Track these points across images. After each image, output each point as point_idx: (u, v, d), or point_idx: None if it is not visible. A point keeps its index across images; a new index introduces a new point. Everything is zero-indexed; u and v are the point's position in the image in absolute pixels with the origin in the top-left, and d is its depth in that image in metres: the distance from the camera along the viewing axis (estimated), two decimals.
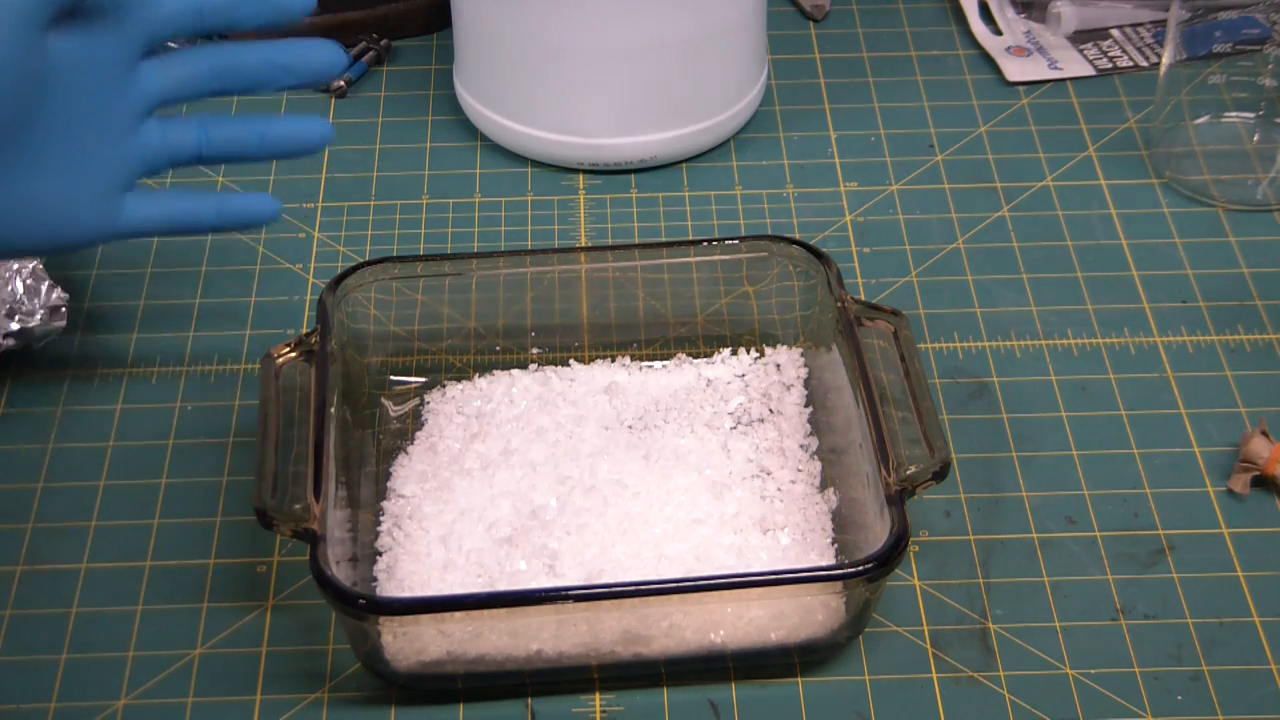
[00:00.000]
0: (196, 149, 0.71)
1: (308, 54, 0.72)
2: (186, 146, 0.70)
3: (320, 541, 0.65)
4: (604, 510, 0.72)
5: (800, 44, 1.02)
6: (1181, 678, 0.68)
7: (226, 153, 0.71)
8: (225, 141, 0.71)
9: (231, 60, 0.71)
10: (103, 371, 0.81)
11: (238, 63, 0.71)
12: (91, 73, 0.67)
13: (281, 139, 0.72)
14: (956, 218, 0.90)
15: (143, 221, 0.70)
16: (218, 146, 0.71)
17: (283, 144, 0.72)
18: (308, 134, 0.72)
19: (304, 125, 0.72)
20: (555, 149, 0.91)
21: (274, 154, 0.72)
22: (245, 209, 0.72)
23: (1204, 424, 0.79)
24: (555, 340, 0.80)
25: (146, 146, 0.70)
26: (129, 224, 0.69)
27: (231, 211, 0.71)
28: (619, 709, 0.68)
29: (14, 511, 0.75)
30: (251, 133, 0.71)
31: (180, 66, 0.70)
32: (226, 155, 0.71)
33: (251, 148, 0.71)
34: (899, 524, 0.66)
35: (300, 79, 0.71)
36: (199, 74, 0.70)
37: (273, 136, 0.71)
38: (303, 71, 0.71)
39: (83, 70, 0.67)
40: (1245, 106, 0.93)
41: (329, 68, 0.72)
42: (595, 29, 0.87)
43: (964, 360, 0.82)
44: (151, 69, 0.70)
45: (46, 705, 0.68)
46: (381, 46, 1.00)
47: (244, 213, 0.72)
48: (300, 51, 0.72)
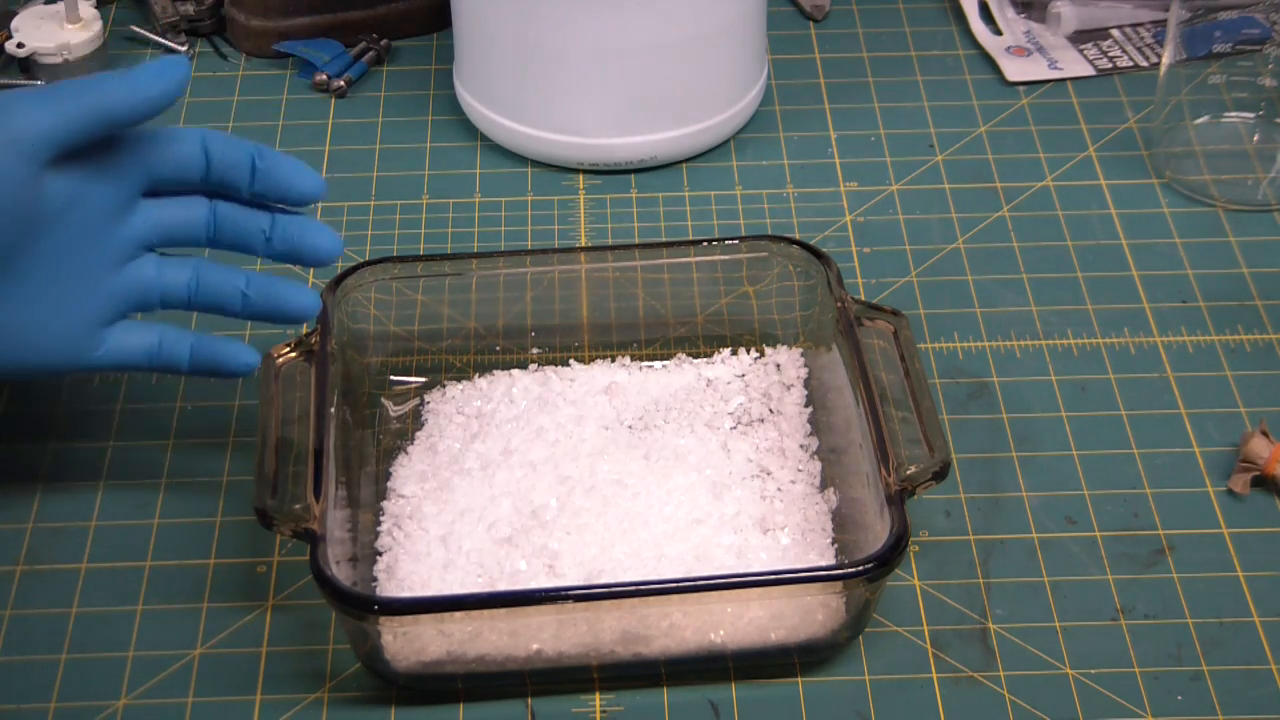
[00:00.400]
0: (186, 293, 0.72)
1: (306, 234, 0.72)
2: (178, 289, 0.71)
3: (320, 541, 0.65)
4: (604, 510, 0.72)
5: (800, 44, 1.02)
6: (1181, 678, 0.68)
7: (212, 304, 0.72)
8: (214, 293, 0.72)
9: (228, 217, 0.71)
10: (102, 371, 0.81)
11: (235, 225, 0.71)
12: (85, 212, 0.69)
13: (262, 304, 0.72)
14: (956, 218, 0.90)
15: (118, 357, 0.71)
16: (208, 296, 0.72)
17: (262, 308, 0.72)
18: (290, 304, 0.72)
19: (288, 293, 0.72)
20: (555, 149, 0.91)
21: (252, 316, 0.73)
22: (221, 358, 0.72)
23: (1204, 424, 0.79)
24: (555, 340, 0.80)
25: (139, 283, 0.71)
26: (105, 358, 0.71)
27: (207, 358, 0.72)
28: (619, 709, 0.68)
29: (14, 511, 0.75)
30: (238, 291, 0.72)
31: (178, 210, 0.71)
32: (212, 307, 0.72)
33: (235, 305, 0.72)
34: (899, 524, 0.66)
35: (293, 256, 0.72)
36: (195, 221, 0.71)
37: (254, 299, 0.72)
38: (297, 250, 0.72)
39: (77, 209, 0.68)
40: (1245, 106, 0.93)
41: (325, 253, 0.72)
42: (595, 29, 0.87)
43: (964, 360, 0.82)
44: (148, 208, 0.71)
45: (46, 705, 0.68)
46: (381, 46, 1.00)
47: (219, 361, 0.72)
48: (300, 229, 0.72)
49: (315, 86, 0.98)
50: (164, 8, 1.01)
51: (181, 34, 1.01)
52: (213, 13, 1.01)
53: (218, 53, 1.01)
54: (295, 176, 0.71)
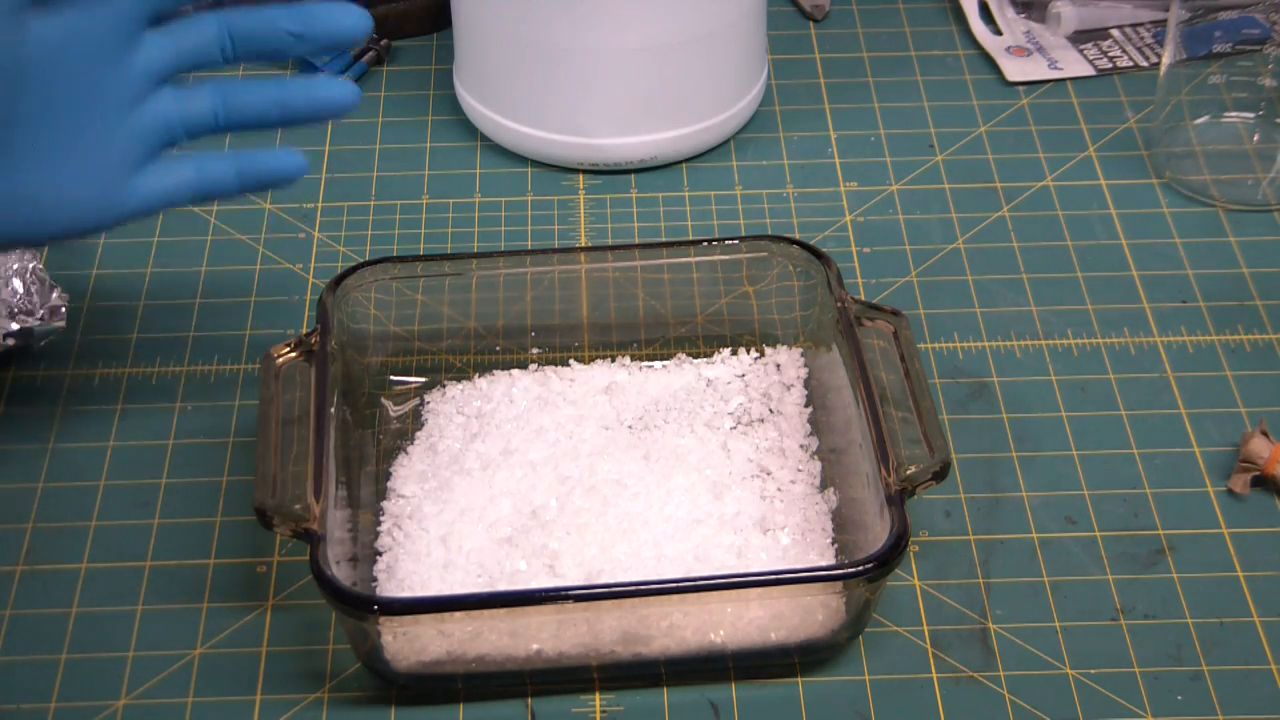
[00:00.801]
0: (213, 117, 0.68)
1: (327, 18, 0.67)
2: (203, 115, 0.67)
3: (320, 541, 0.65)
4: (604, 510, 0.72)
5: (800, 44, 1.02)
6: (1181, 678, 0.68)
7: (245, 119, 0.68)
8: (244, 108, 0.68)
9: (242, 25, 0.67)
10: (103, 371, 0.81)
11: (249, 28, 0.67)
12: (81, 53, 0.64)
13: (303, 103, 0.68)
14: (956, 218, 0.90)
15: (158, 197, 0.67)
16: (236, 113, 0.68)
17: (304, 108, 0.68)
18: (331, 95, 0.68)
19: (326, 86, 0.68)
20: (555, 149, 0.91)
21: (296, 119, 0.69)
22: (267, 167, 0.69)
23: (1204, 424, 0.79)
24: (555, 340, 0.80)
25: (160, 118, 0.67)
26: (142, 202, 0.67)
27: (254, 172, 0.69)
28: (619, 709, 0.68)
29: (14, 511, 0.75)
30: (270, 99, 0.68)
31: (186, 35, 0.67)
32: (246, 122, 0.68)
33: (272, 114, 0.68)
34: (899, 524, 0.66)
35: (318, 44, 0.68)
36: (207, 42, 0.67)
37: (293, 100, 0.68)
38: (320, 36, 0.67)
39: (71, 51, 0.64)
40: (1245, 106, 0.93)
41: (350, 32, 0.68)
42: (595, 29, 0.87)
43: (964, 360, 0.82)
44: (156, 40, 0.66)
45: (46, 705, 0.68)
46: (381, 46, 1.00)
47: (267, 171, 0.69)
48: (318, 15, 0.67)
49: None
50: None
51: None
52: None
53: None
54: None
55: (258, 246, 0.88)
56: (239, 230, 0.88)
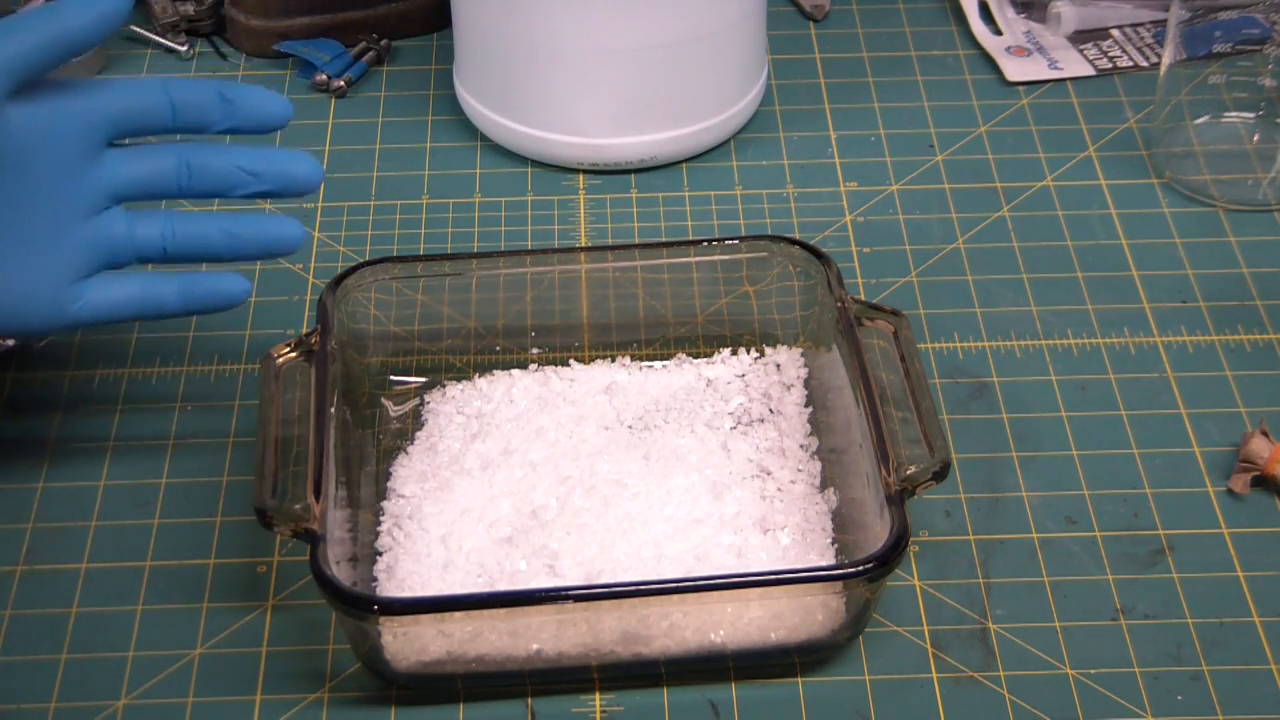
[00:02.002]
0: (161, 244, 0.70)
1: (283, 164, 0.71)
2: (151, 241, 0.70)
3: (320, 541, 0.65)
4: (604, 510, 0.72)
5: (800, 44, 1.02)
6: (1181, 678, 0.68)
7: (193, 251, 0.70)
8: (192, 239, 0.70)
9: (200, 159, 0.70)
10: (103, 371, 0.81)
11: (206, 163, 0.70)
12: (51, 156, 0.67)
13: (250, 239, 0.71)
14: (956, 218, 0.90)
15: (101, 309, 0.70)
16: (185, 243, 0.70)
17: (251, 244, 0.71)
18: (279, 234, 0.71)
19: (276, 225, 0.71)
20: (555, 149, 0.91)
21: (242, 255, 0.71)
22: (212, 290, 0.71)
23: (1204, 424, 0.79)
24: (555, 340, 0.80)
25: (109, 237, 0.69)
26: (85, 311, 0.69)
27: (197, 294, 0.71)
28: (619, 709, 0.68)
29: (14, 511, 0.75)
30: (219, 231, 0.70)
31: (146, 160, 0.70)
32: (193, 251, 0.71)
33: (219, 247, 0.71)
34: (899, 524, 0.66)
35: (272, 188, 0.71)
36: (165, 170, 0.70)
37: (242, 236, 0.70)
38: (274, 180, 0.70)
39: (42, 152, 0.67)
40: (1245, 106, 0.93)
41: (303, 180, 0.71)
42: (595, 29, 0.87)
43: (964, 360, 0.82)
44: (116, 159, 0.69)
45: (46, 705, 0.68)
46: (381, 46, 1.00)
47: (210, 294, 0.71)
48: (276, 160, 0.71)
49: (315, 86, 0.98)
50: (164, 8, 1.01)
51: (181, 34, 1.01)
52: (213, 13, 1.01)
53: (218, 53, 1.01)
54: (263, 104, 0.70)
55: None
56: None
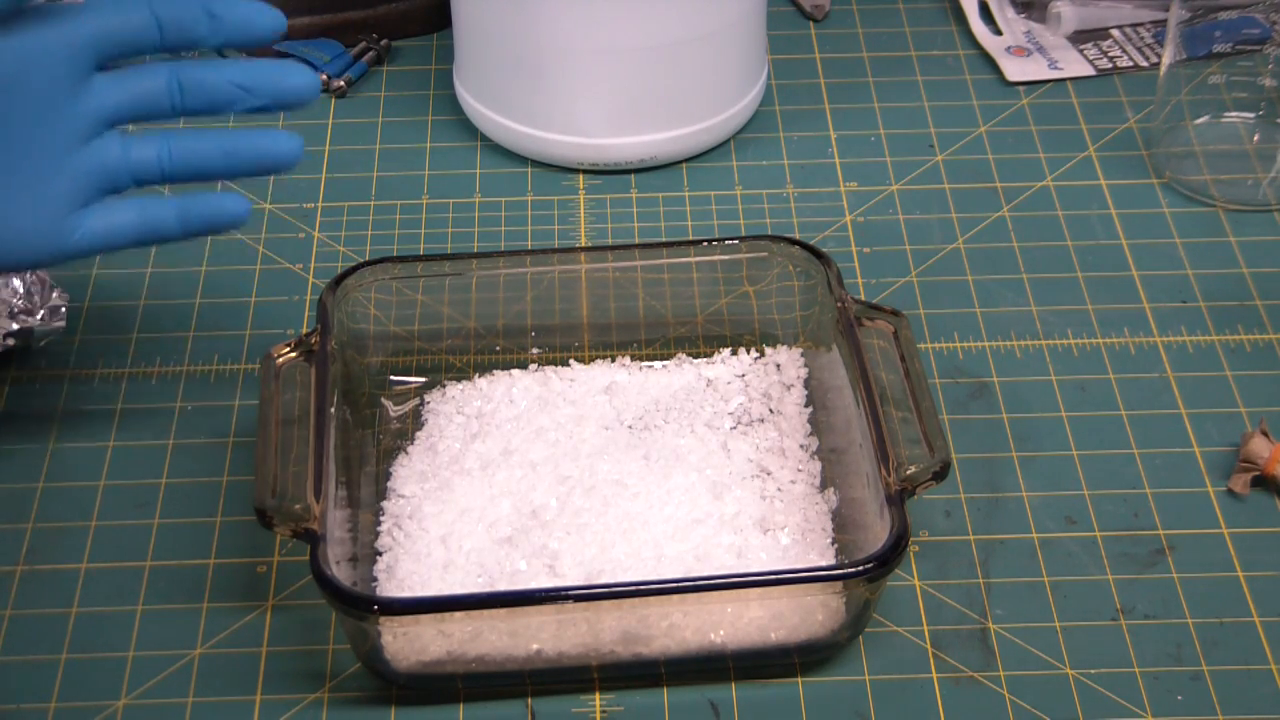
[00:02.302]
0: (159, 165, 0.68)
1: (276, 76, 0.69)
2: (148, 163, 0.68)
3: (320, 541, 0.65)
4: (604, 510, 0.72)
5: (800, 44, 1.02)
6: (1181, 678, 0.68)
7: (191, 169, 0.69)
8: (189, 157, 0.69)
9: (191, 77, 0.68)
10: (103, 371, 0.81)
11: (198, 80, 0.68)
12: (35, 77, 0.65)
13: (248, 155, 0.69)
14: (956, 218, 0.90)
15: (99, 237, 0.68)
16: (182, 163, 0.69)
17: (250, 161, 0.69)
18: (276, 150, 0.70)
19: (272, 140, 0.70)
20: (555, 149, 0.91)
21: (241, 171, 0.70)
22: (211, 211, 0.70)
23: (1204, 424, 0.79)
24: (555, 340, 0.80)
25: (104, 162, 0.68)
26: (85, 240, 0.68)
27: (197, 215, 0.69)
28: (619, 709, 0.68)
29: (14, 511, 0.75)
30: (216, 149, 0.69)
31: (136, 81, 0.68)
32: (192, 173, 0.69)
33: (217, 164, 0.69)
34: (899, 524, 0.66)
35: (266, 102, 0.69)
36: (156, 90, 0.68)
37: (240, 152, 0.69)
38: (268, 94, 0.69)
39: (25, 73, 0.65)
40: (1245, 106, 0.93)
41: (299, 92, 0.69)
42: (595, 29, 0.87)
43: (964, 360, 0.82)
44: (105, 82, 0.68)
45: (46, 705, 0.68)
46: (381, 46, 1.00)
47: (210, 215, 0.70)
48: (268, 73, 0.69)
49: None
50: None
51: None
52: None
53: (218, 52, 1.01)
54: (254, 14, 0.68)
55: (258, 246, 0.88)
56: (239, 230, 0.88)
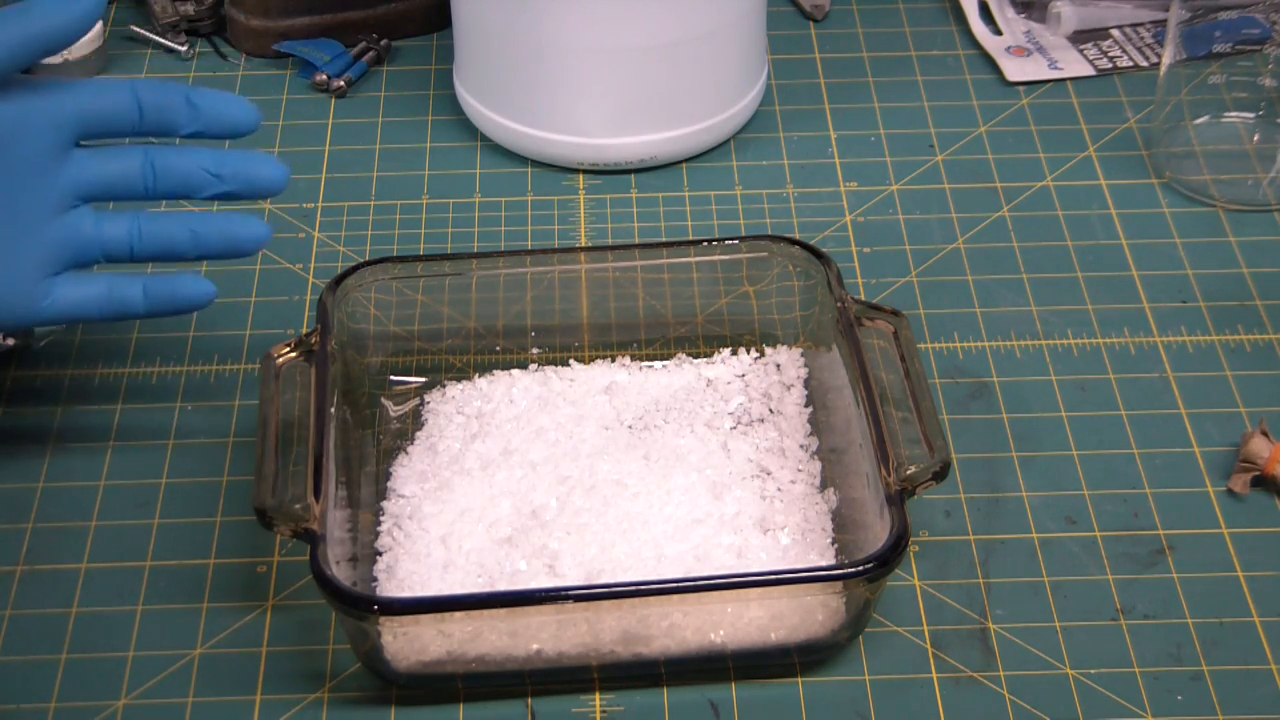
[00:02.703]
0: (129, 243, 0.71)
1: (248, 165, 0.72)
2: (119, 240, 0.71)
3: (320, 541, 0.65)
4: (604, 510, 0.72)
5: (800, 44, 1.02)
6: (1181, 678, 0.68)
7: (159, 249, 0.71)
8: (159, 236, 0.71)
9: (165, 160, 0.71)
10: (103, 371, 0.81)
11: (172, 163, 0.71)
12: (19, 144, 0.68)
13: (214, 238, 0.72)
14: (956, 218, 0.90)
15: (67, 307, 0.71)
16: (151, 241, 0.71)
17: (215, 243, 0.72)
18: (243, 234, 0.72)
19: (239, 225, 0.72)
20: (555, 149, 0.91)
21: (207, 254, 0.72)
22: (176, 292, 0.72)
23: (1204, 424, 0.79)
24: (555, 340, 0.80)
25: (78, 235, 0.70)
26: (54, 309, 0.71)
27: (162, 296, 0.72)
28: (619, 709, 0.68)
29: (14, 511, 0.75)
30: (184, 230, 0.71)
31: (113, 160, 0.71)
32: (160, 252, 0.72)
33: (184, 246, 0.72)
34: (899, 524, 0.66)
35: (237, 188, 0.71)
36: (131, 170, 0.71)
37: (206, 235, 0.71)
38: (239, 181, 0.71)
39: (10, 143, 0.68)
40: (1245, 106, 0.93)
41: (267, 182, 0.72)
42: (595, 29, 0.87)
43: (964, 360, 0.82)
44: (83, 157, 0.70)
45: (46, 705, 0.68)
46: (381, 46, 1.00)
47: (174, 296, 0.72)
48: (241, 162, 0.72)
49: (315, 86, 0.98)
50: (164, 8, 1.01)
51: (181, 34, 1.01)
52: (213, 13, 1.01)
53: (218, 53, 1.01)
54: (230, 109, 0.71)
55: None
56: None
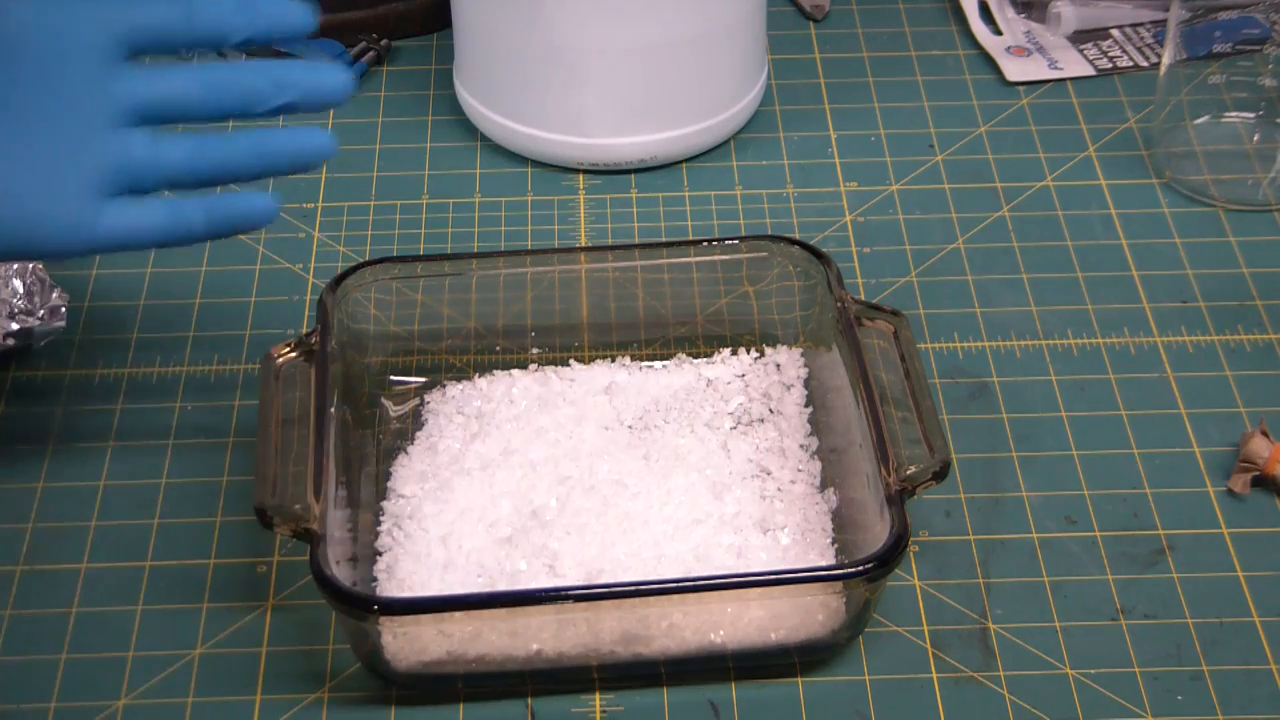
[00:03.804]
0: (189, 165, 0.67)
1: (311, 75, 0.68)
2: (177, 162, 0.67)
3: (320, 541, 0.65)
4: (604, 510, 0.72)
5: (800, 44, 1.02)
6: (1181, 678, 0.68)
7: (222, 170, 0.67)
8: (220, 156, 0.67)
9: (224, 75, 0.67)
10: (103, 371, 0.81)
11: (231, 78, 0.67)
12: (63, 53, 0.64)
13: (280, 154, 0.68)
14: (956, 218, 0.90)
15: (125, 231, 0.66)
16: (211, 163, 0.67)
17: (282, 160, 0.68)
18: (308, 147, 0.68)
19: (304, 138, 0.68)
20: (555, 149, 0.91)
21: (272, 171, 0.68)
22: (237, 211, 0.68)
23: (1204, 424, 0.79)
24: (555, 340, 0.80)
25: (131, 155, 0.66)
26: (108, 233, 0.66)
27: (222, 216, 0.68)
28: (619, 709, 0.68)
29: (14, 511, 0.75)
30: (247, 149, 0.67)
31: (167, 78, 0.67)
32: (222, 173, 0.67)
33: (248, 165, 0.68)
34: (899, 524, 0.66)
35: (300, 98, 0.68)
36: (187, 87, 0.67)
37: (271, 152, 0.68)
38: (301, 91, 0.67)
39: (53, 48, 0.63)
40: (1245, 106, 0.93)
41: (334, 92, 0.68)
42: (595, 29, 0.87)
43: (964, 360, 0.82)
44: (135, 73, 0.66)
45: (46, 705, 0.68)
46: (381, 46, 1.00)
47: (236, 216, 0.68)
48: (303, 71, 0.68)
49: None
50: None
51: None
52: None
53: (218, 53, 1.01)
54: (284, 8, 0.67)
55: (258, 246, 0.88)
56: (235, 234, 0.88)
